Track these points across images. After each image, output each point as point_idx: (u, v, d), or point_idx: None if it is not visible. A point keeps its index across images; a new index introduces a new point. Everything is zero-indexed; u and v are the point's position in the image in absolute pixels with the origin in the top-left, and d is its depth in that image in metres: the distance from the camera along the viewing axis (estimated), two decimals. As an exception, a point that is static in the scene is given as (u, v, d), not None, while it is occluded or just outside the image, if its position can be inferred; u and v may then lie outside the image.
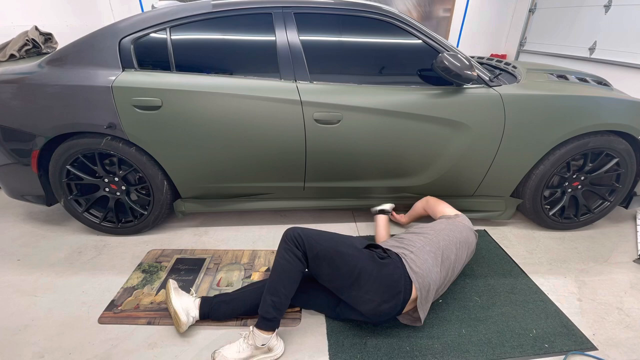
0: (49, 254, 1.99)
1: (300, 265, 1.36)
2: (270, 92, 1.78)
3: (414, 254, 1.43)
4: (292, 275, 1.35)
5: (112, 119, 1.76)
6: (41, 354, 1.39)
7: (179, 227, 2.27)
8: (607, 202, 2.17)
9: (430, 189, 2.09)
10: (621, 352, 1.44)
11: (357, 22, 1.87)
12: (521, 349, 1.43)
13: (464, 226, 1.67)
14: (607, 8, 3.79)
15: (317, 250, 1.35)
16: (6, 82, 1.76)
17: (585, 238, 2.20)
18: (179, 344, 1.45)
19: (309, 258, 1.37)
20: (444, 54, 1.74)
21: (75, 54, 1.78)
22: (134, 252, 2.02)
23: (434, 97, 1.85)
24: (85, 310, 1.60)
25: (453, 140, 1.91)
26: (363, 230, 2.27)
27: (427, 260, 1.42)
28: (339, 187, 2.07)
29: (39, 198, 2.04)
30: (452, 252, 1.52)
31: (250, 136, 1.83)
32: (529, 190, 2.08)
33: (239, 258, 1.98)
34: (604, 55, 3.83)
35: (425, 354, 1.41)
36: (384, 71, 1.95)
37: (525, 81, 2.00)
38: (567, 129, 1.88)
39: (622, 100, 1.92)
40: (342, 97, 1.81)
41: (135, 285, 1.76)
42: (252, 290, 1.54)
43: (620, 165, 2.04)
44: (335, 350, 1.42)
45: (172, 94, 1.74)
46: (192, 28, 1.81)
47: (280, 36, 1.81)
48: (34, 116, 1.78)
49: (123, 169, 1.98)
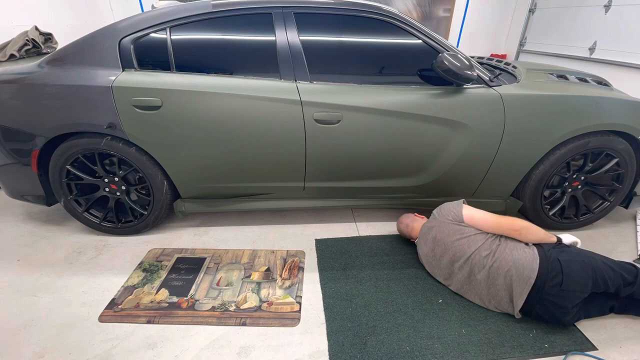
0: (49, 254, 1.99)
1: None
2: (270, 92, 1.78)
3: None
4: None
5: (112, 119, 1.76)
6: (41, 354, 1.39)
7: (179, 227, 2.27)
8: (607, 202, 2.17)
9: (430, 189, 2.09)
10: (621, 352, 1.44)
11: (357, 22, 1.87)
12: (521, 349, 1.43)
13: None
14: (607, 8, 3.79)
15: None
16: (6, 82, 1.76)
17: (585, 238, 2.19)
18: (179, 344, 1.45)
19: None
20: (444, 54, 1.74)
21: (75, 54, 1.78)
22: (134, 252, 2.02)
23: (434, 97, 1.85)
24: (85, 310, 1.60)
25: (453, 140, 1.91)
26: (363, 230, 2.27)
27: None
28: (339, 187, 2.07)
29: (39, 198, 2.04)
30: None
31: (250, 136, 1.83)
32: (529, 190, 2.08)
33: (239, 258, 1.98)
34: (604, 55, 3.83)
35: (425, 354, 1.41)
36: (384, 71, 1.95)
37: (525, 81, 2.00)
38: (567, 129, 1.88)
39: (622, 100, 1.92)
40: (342, 97, 1.81)
41: (135, 284, 1.76)
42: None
43: (620, 165, 2.04)
44: (335, 350, 1.43)
45: (172, 94, 1.74)
46: (192, 28, 1.81)
47: (280, 36, 1.81)
48: (34, 116, 1.78)
49: (123, 169, 1.98)
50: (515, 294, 1.50)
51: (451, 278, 1.70)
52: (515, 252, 1.53)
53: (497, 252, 1.55)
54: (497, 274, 1.52)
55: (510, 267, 1.50)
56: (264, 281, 1.80)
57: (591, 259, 1.49)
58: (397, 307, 1.64)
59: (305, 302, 1.68)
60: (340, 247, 2.08)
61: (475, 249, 1.58)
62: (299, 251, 2.05)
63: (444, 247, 1.68)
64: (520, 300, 1.49)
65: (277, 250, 2.05)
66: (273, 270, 1.88)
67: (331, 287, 1.76)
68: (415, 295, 1.71)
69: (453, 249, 1.64)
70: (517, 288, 1.49)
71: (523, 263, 1.48)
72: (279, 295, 1.71)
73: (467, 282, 1.63)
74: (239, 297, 1.69)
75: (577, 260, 1.47)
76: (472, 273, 1.60)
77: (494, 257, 1.54)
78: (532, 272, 1.46)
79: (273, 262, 1.95)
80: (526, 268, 1.47)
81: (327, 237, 2.18)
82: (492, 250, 1.56)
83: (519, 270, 1.48)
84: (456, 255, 1.63)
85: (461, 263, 1.62)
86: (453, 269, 1.66)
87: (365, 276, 1.84)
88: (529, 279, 1.46)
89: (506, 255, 1.53)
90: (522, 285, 1.48)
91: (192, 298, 1.68)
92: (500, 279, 1.52)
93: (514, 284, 1.49)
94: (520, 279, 1.48)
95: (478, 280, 1.58)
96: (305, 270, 1.89)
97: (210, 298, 1.68)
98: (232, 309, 1.62)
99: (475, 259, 1.57)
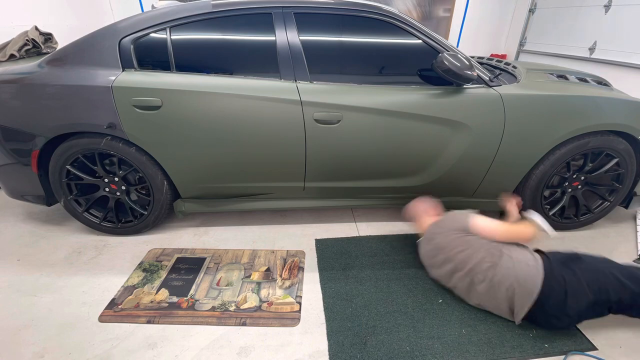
0: (49, 254, 1.99)
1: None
2: (270, 92, 1.78)
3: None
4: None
5: (112, 119, 1.76)
6: (41, 354, 1.39)
7: (179, 227, 2.27)
8: (607, 202, 2.17)
9: (430, 189, 2.09)
10: (621, 352, 1.44)
11: (357, 22, 1.87)
12: (521, 349, 1.43)
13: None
14: (607, 8, 3.79)
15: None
16: (6, 82, 1.76)
17: (585, 238, 2.20)
18: (179, 344, 1.45)
19: None
20: (444, 54, 1.74)
21: (75, 54, 1.78)
22: (134, 252, 2.02)
23: (434, 97, 1.85)
24: (85, 310, 1.60)
25: (453, 140, 1.91)
26: (363, 230, 2.27)
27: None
28: (339, 187, 2.07)
29: (39, 198, 2.04)
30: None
31: (250, 136, 1.83)
32: (529, 190, 2.08)
33: (239, 258, 1.98)
34: (604, 55, 3.83)
35: (425, 354, 1.41)
36: (384, 71, 1.95)
37: (525, 81, 2.00)
38: (567, 129, 1.88)
39: (622, 100, 1.92)
40: (342, 97, 1.81)
41: (135, 284, 1.76)
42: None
43: (620, 165, 2.04)
44: (335, 350, 1.43)
45: (172, 94, 1.74)
46: (192, 28, 1.81)
47: (280, 36, 1.81)
48: (34, 116, 1.78)
49: (123, 169, 1.98)
50: (517, 306, 1.47)
51: (451, 284, 1.68)
52: (519, 265, 1.47)
53: (499, 265, 1.49)
54: (499, 287, 1.48)
55: (513, 282, 1.45)
56: (264, 281, 1.80)
57: (599, 273, 1.41)
58: (397, 307, 1.64)
59: (305, 302, 1.68)
60: (340, 247, 2.08)
61: (478, 261, 1.53)
62: (299, 251, 2.05)
63: (446, 256, 1.64)
64: (521, 312, 1.47)
65: (277, 250, 2.05)
66: (273, 270, 1.88)
67: (331, 287, 1.76)
68: (415, 295, 1.71)
69: (455, 260, 1.60)
70: (518, 301, 1.46)
71: (526, 277, 1.44)
72: (279, 295, 1.71)
73: (467, 293, 1.61)
74: (239, 297, 1.69)
75: (584, 278, 1.40)
76: (473, 283, 1.56)
77: (496, 270, 1.49)
78: (535, 288, 1.42)
79: (273, 262, 1.95)
80: (529, 282, 1.43)
81: (327, 237, 2.18)
82: (494, 262, 1.50)
83: (521, 284, 1.44)
84: (458, 266, 1.59)
85: (462, 274, 1.58)
86: (453, 279, 1.64)
87: (365, 276, 1.84)
88: (531, 294, 1.43)
89: (509, 268, 1.47)
90: (523, 298, 1.45)
91: (192, 298, 1.68)
92: (502, 292, 1.48)
93: (515, 297, 1.46)
94: (522, 293, 1.44)
95: (478, 292, 1.55)
96: (305, 270, 1.89)
97: (210, 298, 1.68)
98: (232, 309, 1.62)
99: (477, 270, 1.53)
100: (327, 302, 1.67)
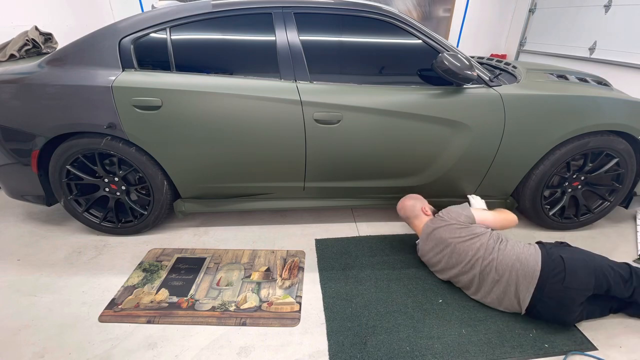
0: (49, 254, 1.99)
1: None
2: (270, 92, 1.78)
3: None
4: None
5: (112, 119, 1.76)
6: (41, 354, 1.39)
7: (179, 227, 2.27)
8: (607, 202, 2.17)
9: (430, 190, 2.09)
10: (621, 352, 1.44)
11: (357, 22, 1.87)
12: (521, 349, 1.43)
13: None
14: (607, 8, 3.79)
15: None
16: (6, 82, 1.76)
17: (585, 238, 2.20)
18: (179, 344, 1.45)
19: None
20: (444, 54, 1.74)
21: (75, 54, 1.78)
22: (134, 252, 2.02)
23: (434, 97, 1.85)
24: (85, 310, 1.60)
25: (453, 140, 1.91)
26: (363, 230, 2.27)
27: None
28: (339, 187, 2.07)
29: (39, 198, 2.04)
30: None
31: (250, 136, 1.83)
32: (529, 190, 2.08)
33: (239, 258, 1.98)
34: (604, 55, 3.83)
35: (425, 354, 1.41)
36: (384, 71, 1.95)
37: (525, 81, 2.00)
38: (567, 129, 1.88)
39: (622, 100, 1.92)
40: (342, 97, 1.81)
41: (135, 284, 1.76)
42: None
43: (620, 165, 2.04)
44: (335, 350, 1.43)
45: (172, 94, 1.74)
46: (192, 28, 1.81)
47: (280, 36, 1.81)
48: (34, 116, 1.78)
49: (123, 169, 1.98)
50: (522, 289, 1.50)
51: (456, 277, 1.69)
52: (518, 246, 1.59)
53: (501, 249, 1.58)
54: (503, 269, 1.54)
55: (515, 262, 1.52)
56: (264, 281, 1.80)
57: (591, 256, 1.53)
58: (397, 307, 1.64)
59: (305, 302, 1.68)
60: (340, 247, 2.08)
61: (483, 246, 1.60)
62: (299, 251, 2.05)
63: (450, 248, 1.67)
64: (527, 295, 1.49)
65: (277, 250, 2.05)
66: (273, 270, 1.88)
67: (331, 287, 1.76)
68: (415, 295, 1.71)
69: (461, 250, 1.63)
70: (523, 282, 1.50)
71: (527, 257, 1.53)
72: (279, 295, 1.71)
73: (474, 284, 1.62)
74: (239, 297, 1.69)
75: (579, 257, 1.49)
76: (481, 272, 1.59)
77: (499, 253, 1.57)
78: (536, 265, 1.49)
79: (273, 262, 1.95)
80: (530, 261, 1.51)
81: (327, 237, 2.18)
82: (497, 247, 1.59)
83: (523, 263, 1.51)
84: (461, 256, 1.63)
85: (469, 263, 1.61)
86: (459, 269, 1.65)
87: (365, 276, 1.84)
88: (534, 272, 1.48)
89: (508, 251, 1.57)
90: (527, 279, 1.49)
91: (192, 298, 1.68)
92: (506, 275, 1.54)
93: (519, 279, 1.51)
94: (525, 272, 1.50)
95: (487, 281, 1.58)
96: (305, 270, 1.89)
97: (210, 298, 1.68)
98: (232, 309, 1.62)
99: (484, 255, 1.59)
100: (327, 302, 1.67)
